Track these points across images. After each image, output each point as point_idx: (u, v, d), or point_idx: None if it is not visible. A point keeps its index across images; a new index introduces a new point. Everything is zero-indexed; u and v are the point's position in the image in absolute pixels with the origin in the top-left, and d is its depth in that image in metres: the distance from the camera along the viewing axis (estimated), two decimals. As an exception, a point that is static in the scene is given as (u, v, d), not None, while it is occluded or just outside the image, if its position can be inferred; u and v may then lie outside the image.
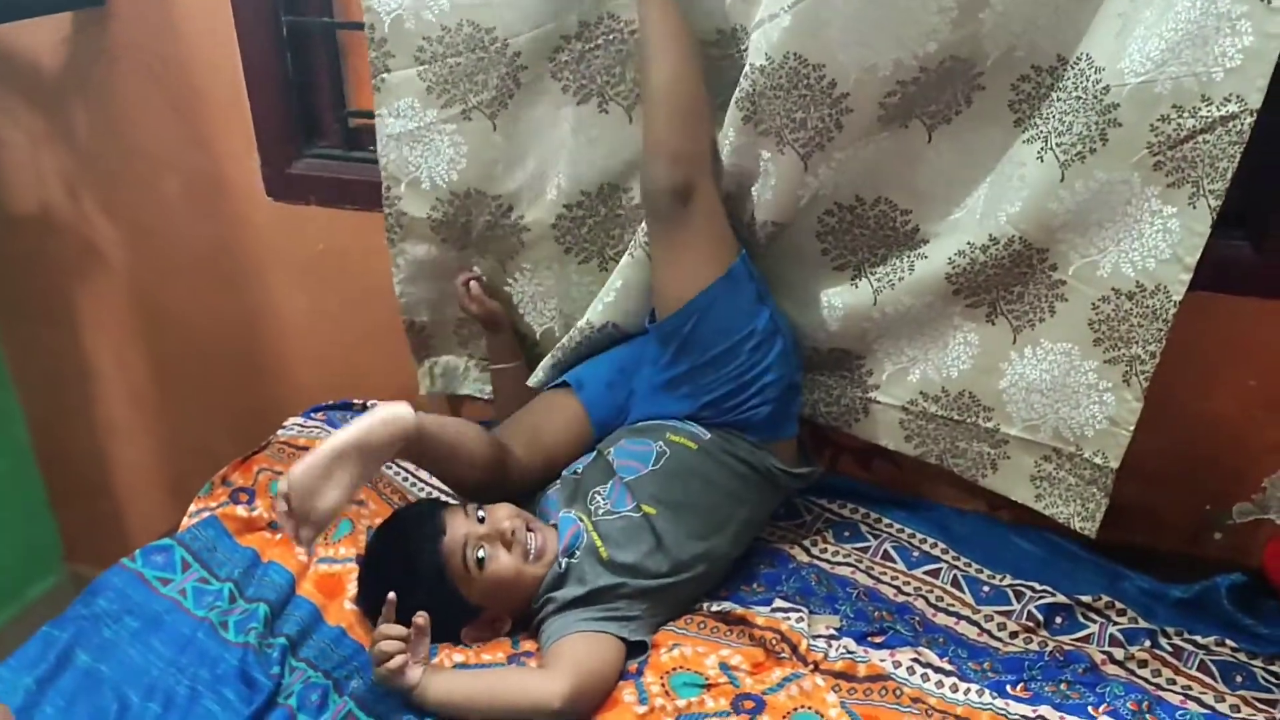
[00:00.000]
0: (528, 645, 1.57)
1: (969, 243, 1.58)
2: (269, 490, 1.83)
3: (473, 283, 1.93)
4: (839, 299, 1.72)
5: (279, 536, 1.74)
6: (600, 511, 1.62)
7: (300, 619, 1.60)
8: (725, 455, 1.63)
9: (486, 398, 2.11)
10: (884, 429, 1.78)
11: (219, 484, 1.88)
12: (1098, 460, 1.59)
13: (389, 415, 1.47)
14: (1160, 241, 1.45)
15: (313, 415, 2.11)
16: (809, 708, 1.42)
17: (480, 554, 1.53)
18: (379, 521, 1.79)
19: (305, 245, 2.16)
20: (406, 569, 1.53)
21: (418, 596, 1.48)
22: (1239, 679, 1.47)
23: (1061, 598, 1.60)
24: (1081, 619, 1.58)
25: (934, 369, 1.72)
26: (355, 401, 2.17)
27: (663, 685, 1.46)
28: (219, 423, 2.48)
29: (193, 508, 1.84)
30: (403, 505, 1.76)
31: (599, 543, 1.58)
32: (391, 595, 1.43)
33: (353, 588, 1.66)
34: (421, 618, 1.42)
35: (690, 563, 1.59)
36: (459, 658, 1.54)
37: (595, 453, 1.73)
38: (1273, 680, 1.47)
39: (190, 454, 2.55)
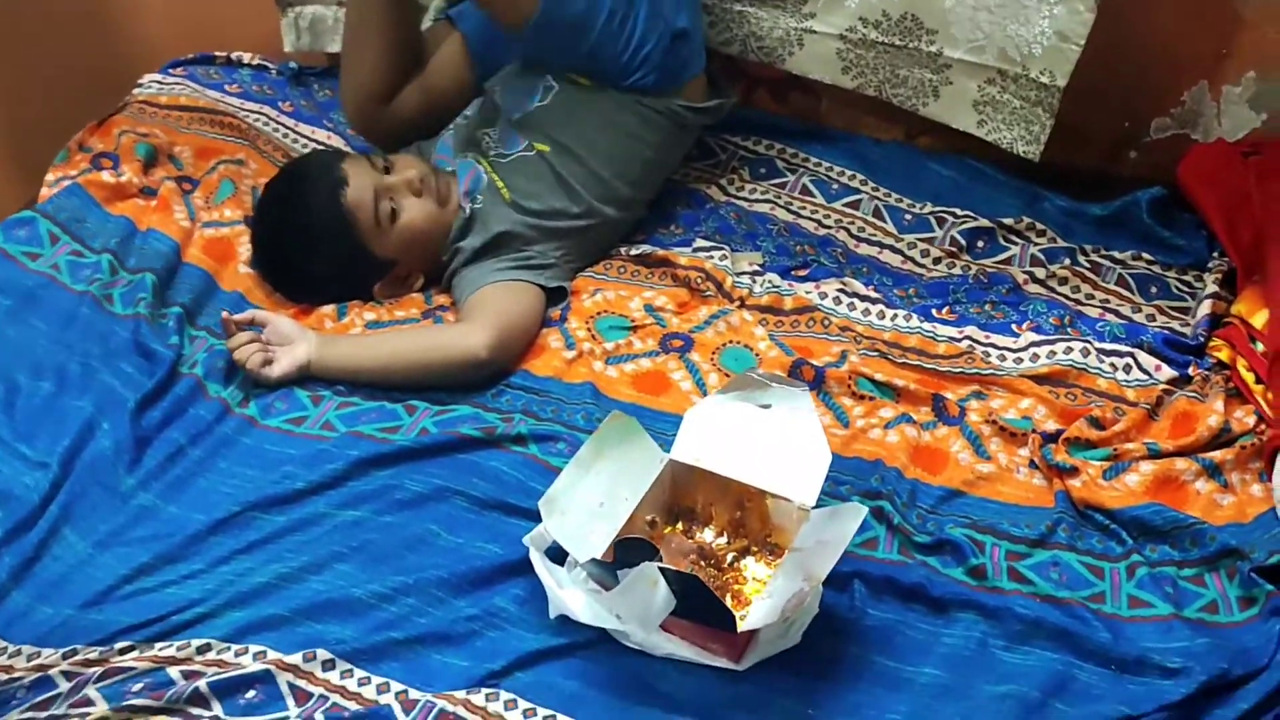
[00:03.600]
0: (441, 300, 1.50)
1: None
2: (135, 153, 1.66)
3: None
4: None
5: (154, 203, 1.59)
6: (492, 153, 1.53)
7: (192, 287, 1.49)
8: (623, 94, 1.52)
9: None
10: (820, 61, 1.66)
11: (76, 150, 1.70)
12: (1044, 79, 1.52)
13: None
14: None
15: (171, 71, 1.90)
16: (738, 342, 1.40)
17: (392, 205, 1.43)
18: (265, 181, 1.65)
19: None
20: (309, 225, 1.42)
21: (322, 253, 1.38)
22: (1154, 290, 1.49)
23: (983, 221, 1.58)
24: (1003, 241, 1.57)
25: None
26: (217, 55, 1.96)
27: (589, 330, 1.42)
28: (65, 88, 2.22)
29: (50, 177, 1.66)
30: (290, 160, 1.61)
31: (500, 183, 1.49)
32: (225, 314, 1.37)
33: (245, 251, 1.55)
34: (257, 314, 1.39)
35: (599, 204, 1.51)
36: (370, 316, 1.47)
37: (483, 98, 1.60)
38: (1185, 289, 1.49)
39: (36, 127, 2.31)
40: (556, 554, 1.11)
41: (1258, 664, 1.02)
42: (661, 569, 0.98)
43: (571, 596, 1.06)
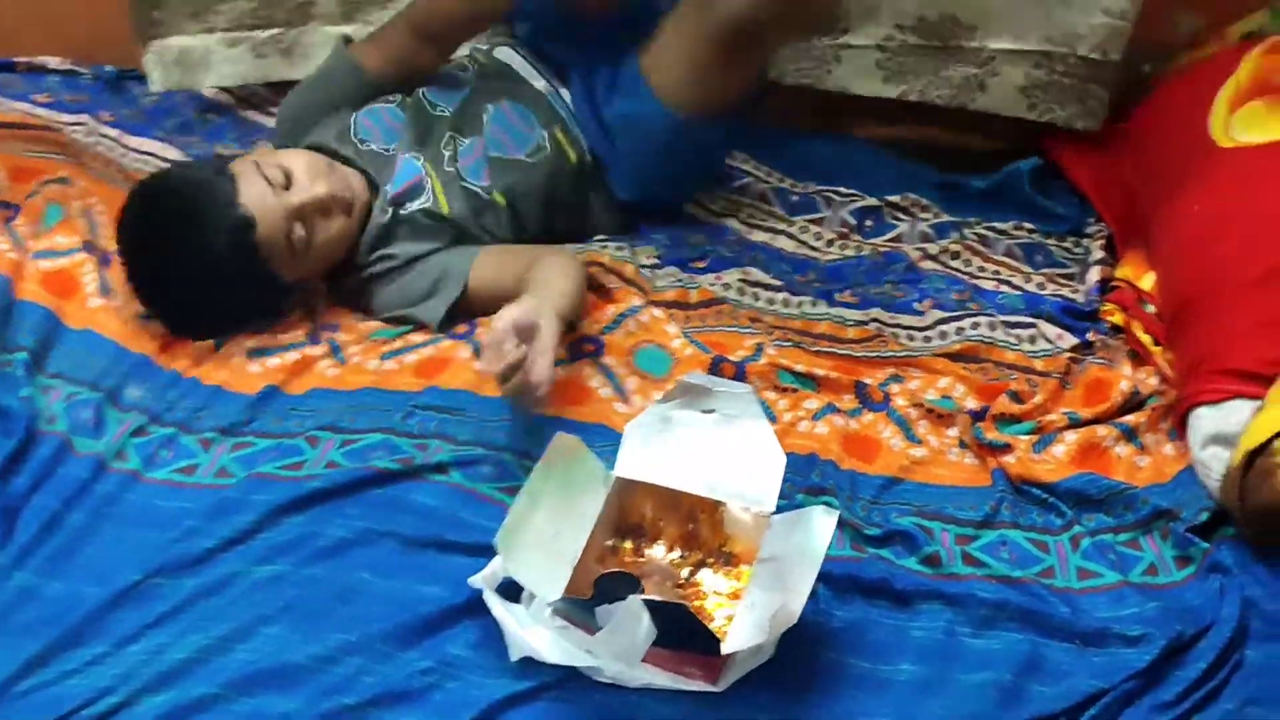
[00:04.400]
0: (330, 318, 1.39)
1: None
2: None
3: None
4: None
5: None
6: (446, 168, 1.43)
7: (34, 328, 1.32)
8: (593, 189, 1.51)
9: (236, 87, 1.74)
10: (859, 74, 1.64)
11: None
12: (1096, 56, 1.53)
13: None
14: None
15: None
16: (651, 342, 1.35)
17: (305, 231, 1.32)
18: (99, 204, 1.50)
19: None
20: (214, 267, 1.29)
21: (233, 294, 1.28)
22: (1039, 259, 1.53)
23: (870, 200, 1.58)
24: (890, 219, 1.58)
25: None
26: (18, 61, 1.76)
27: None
28: None
29: None
30: (150, 180, 1.42)
31: (443, 202, 1.40)
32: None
33: (90, 283, 1.39)
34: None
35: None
36: (251, 344, 1.34)
37: (468, 92, 1.49)
38: (1068, 256, 1.54)
39: None
40: (508, 590, 1.04)
41: (1205, 622, 1.05)
42: (647, 601, 0.93)
43: (535, 636, 0.99)
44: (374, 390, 1.27)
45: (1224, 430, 1.16)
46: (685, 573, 1.09)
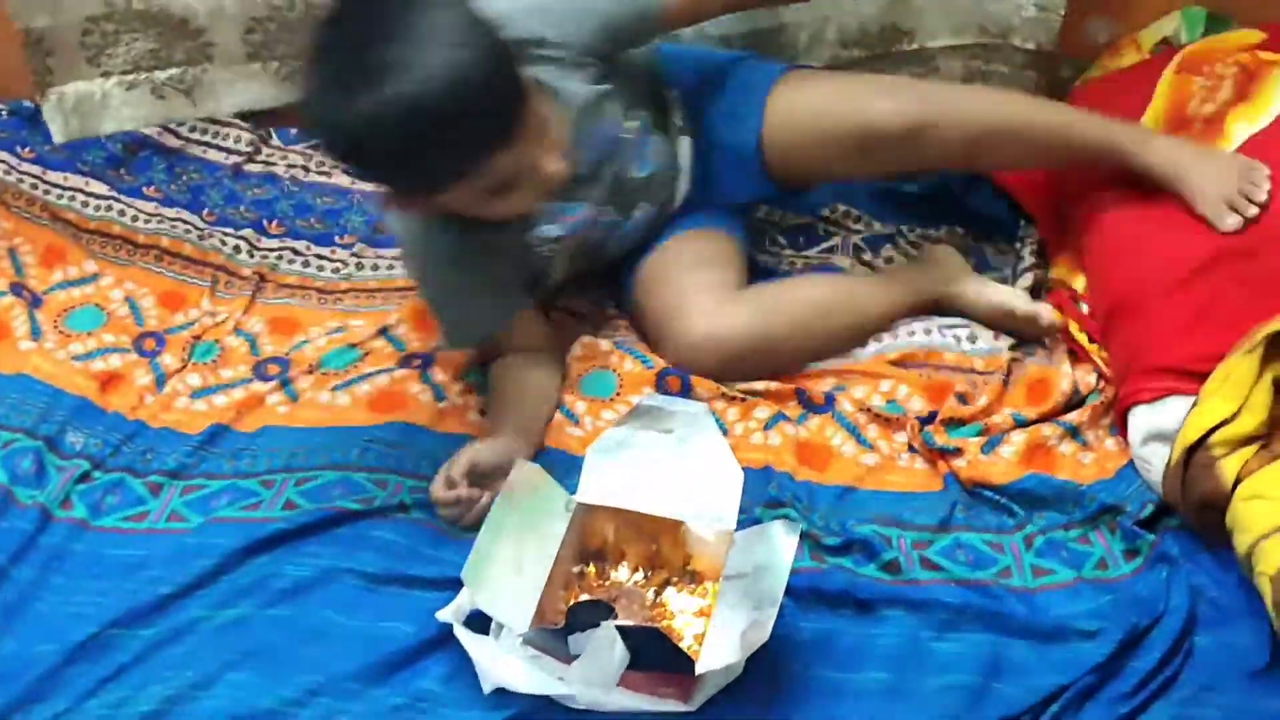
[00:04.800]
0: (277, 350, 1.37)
1: None
2: None
3: None
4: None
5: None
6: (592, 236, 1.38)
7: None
8: None
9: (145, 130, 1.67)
10: None
11: None
12: (1029, 46, 1.57)
13: None
14: None
15: None
16: (597, 365, 1.35)
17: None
18: (24, 244, 1.47)
19: None
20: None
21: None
22: (974, 263, 1.54)
23: (803, 217, 1.60)
24: (823, 234, 1.60)
25: (848, 15, 1.62)
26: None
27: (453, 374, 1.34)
28: None
29: None
30: None
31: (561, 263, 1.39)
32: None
33: (21, 326, 1.36)
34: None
35: None
36: (196, 381, 1.31)
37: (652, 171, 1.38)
38: (1001, 259, 1.57)
39: None
40: (477, 621, 1.04)
41: (1156, 612, 1.09)
42: (619, 626, 0.93)
43: (507, 666, 0.99)
44: (327, 430, 1.26)
45: (1161, 427, 1.20)
46: (651, 593, 1.10)
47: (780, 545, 1.02)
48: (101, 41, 1.62)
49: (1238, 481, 1.08)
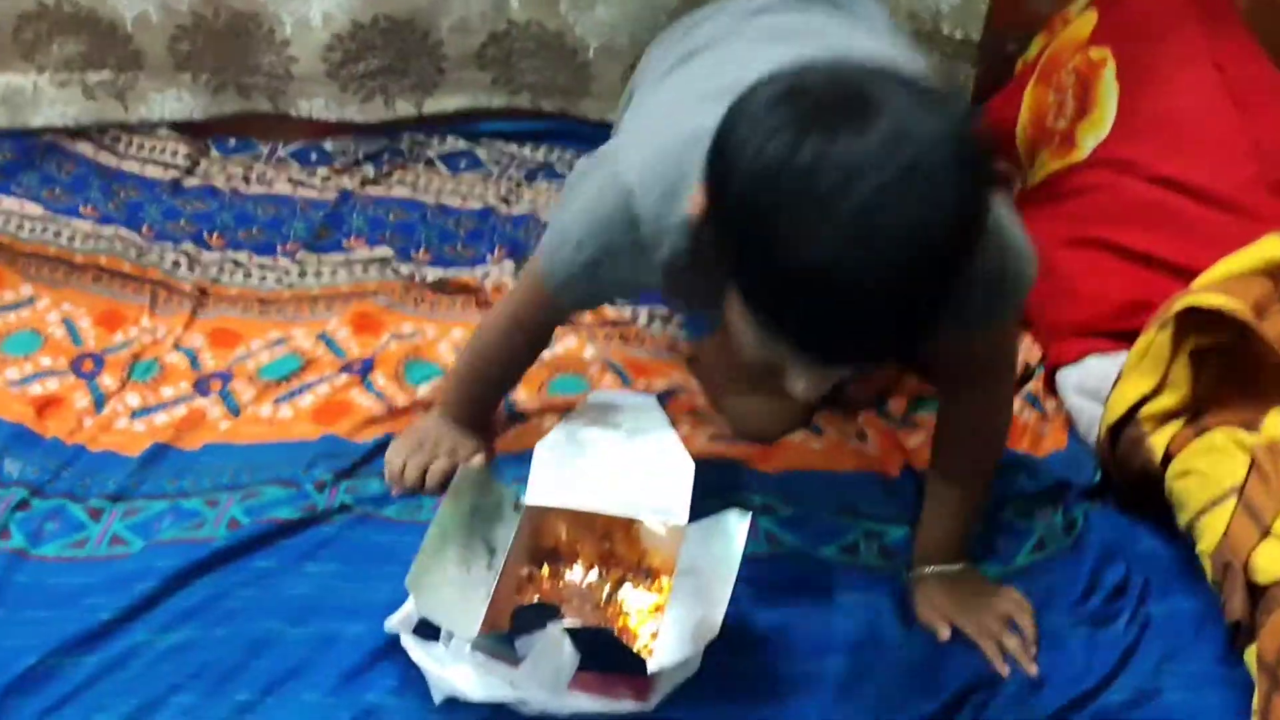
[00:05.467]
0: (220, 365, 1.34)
1: None
2: None
3: None
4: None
5: None
6: None
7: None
8: None
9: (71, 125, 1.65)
10: None
11: None
12: (958, 35, 1.55)
13: None
14: None
15: None
16: (569, 370, 1.33)
17: None
18: None
19: None
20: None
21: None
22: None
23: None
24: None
25: None
26: None
27: (395, 378, 1.31)
28: None
29: None
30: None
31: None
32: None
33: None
34: None
35: None
36: (135, 401, 1.28)
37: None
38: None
39: None
40: (426, 628, 1.01)
41: (1107, 585, 1.09)
42: (567, 628, 0.92)
43: (458, 675, 0.97)
44: (271, 446, 1.23)
45: (1085, 384, 1.23)
46: (606, 591, 1.08)
47: (734, 535, 1.00)
48: (34, 38, 1.59)
49: (1168, 457, 1.07)
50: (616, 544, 1.10)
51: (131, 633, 1.04)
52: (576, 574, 1.10)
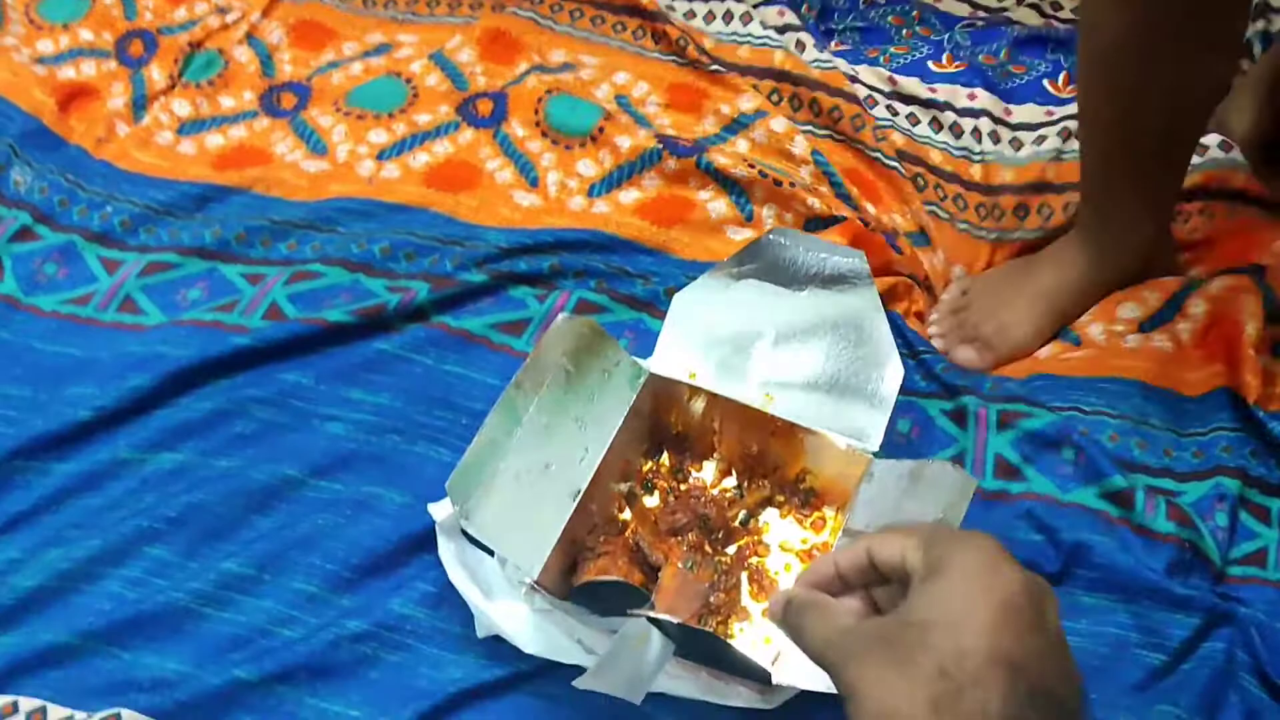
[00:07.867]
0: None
1: None
2: None
3: None
4: None
5: None
6: None
7: None
8: None
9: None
10: None
11: None
12: None
13: None
14: None
15: None
16: (773, 165, 0.95)
17: None
18: None
19: None
20: None
21: None
22: None
23: None
24: None
25: None
26: None
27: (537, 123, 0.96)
28: None
29: None
30: None
31: None
32: None
33: None
34: None
35: None
36: (186, 110, 0.98)
37: None
38: None
39: None
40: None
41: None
42: (654, 620, 0.61)
43: (508, 613, 0.68)
44: (353, 201, 0.92)
45: None
46: (742, 515, 0.76)
47: (950, 501, 0.65)
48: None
49: None
50: (771, 448, 0.76)
51: (113, 443, 0.79)
52: (707, 474, 0.77)
